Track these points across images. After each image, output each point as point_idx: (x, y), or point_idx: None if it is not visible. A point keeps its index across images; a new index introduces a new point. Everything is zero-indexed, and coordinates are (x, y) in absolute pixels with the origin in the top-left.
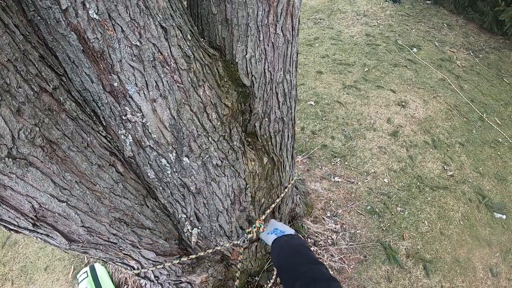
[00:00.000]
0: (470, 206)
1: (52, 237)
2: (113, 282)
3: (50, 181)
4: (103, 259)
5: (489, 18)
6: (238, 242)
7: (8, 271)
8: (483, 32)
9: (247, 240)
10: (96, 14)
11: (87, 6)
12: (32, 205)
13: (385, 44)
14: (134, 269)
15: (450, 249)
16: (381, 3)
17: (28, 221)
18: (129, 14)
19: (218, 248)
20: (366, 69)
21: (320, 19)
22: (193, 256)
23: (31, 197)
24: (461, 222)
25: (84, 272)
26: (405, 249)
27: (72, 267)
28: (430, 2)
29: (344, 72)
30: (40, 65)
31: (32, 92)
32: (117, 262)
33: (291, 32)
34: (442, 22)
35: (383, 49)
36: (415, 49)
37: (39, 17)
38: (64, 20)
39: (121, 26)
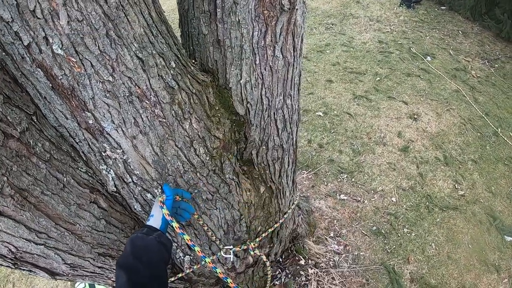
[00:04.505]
0: (480, 229)
1: (35, 272)
2: None
3: (24, 228)
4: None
5: (507, 26)
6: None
7: (9, 273)
8: (499, 40)
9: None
10: (61, 49)
11: (50, 41)
12: (9, 249)
13: (398, 52)
14: None
15: (457, 274)
16: (395, 9)
17: (8, 262)
18: (98, 46)
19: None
20: (378, 78)
21: (332, 24)
22: (180, 275)
23: (6, 242)
24: (470, 246)
25: (82, 281)
26: (409, 273)
27: None
28: (445, 8)
29: (355, 81)
30: (5, 109)
31: None
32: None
33: (292, 53)
34: (457, 29)
35: (396, 57)
36: (429, 58)
37: (4, 53)
38: (28, 56)
39: (90, 61)
